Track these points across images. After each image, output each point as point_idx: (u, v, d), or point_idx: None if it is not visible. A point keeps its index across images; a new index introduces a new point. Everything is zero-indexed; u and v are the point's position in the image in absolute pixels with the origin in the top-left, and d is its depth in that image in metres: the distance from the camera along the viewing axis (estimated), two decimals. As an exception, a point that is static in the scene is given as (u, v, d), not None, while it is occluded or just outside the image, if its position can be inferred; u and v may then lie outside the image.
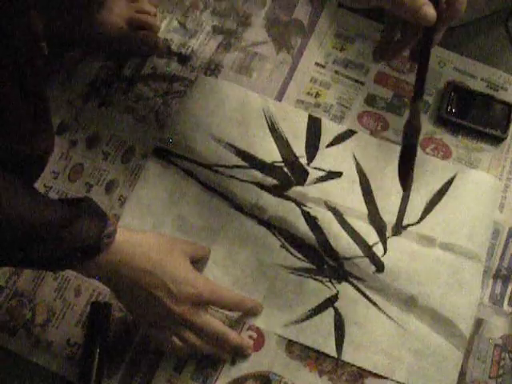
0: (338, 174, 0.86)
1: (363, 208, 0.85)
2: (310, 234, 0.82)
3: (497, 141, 0.90)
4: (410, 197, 0.85)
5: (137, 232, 0.71)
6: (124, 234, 0.68)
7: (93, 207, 0.67)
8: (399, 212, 0.85)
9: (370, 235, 0.83)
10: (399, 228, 0.84)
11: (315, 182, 0.86)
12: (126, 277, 0.68)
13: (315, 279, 0.81)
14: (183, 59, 0.93)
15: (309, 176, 0.86)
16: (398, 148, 0.88)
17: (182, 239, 0.80)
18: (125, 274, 0.68)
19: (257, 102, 0.90)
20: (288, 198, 0.85)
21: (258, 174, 0.86)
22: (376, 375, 0.77)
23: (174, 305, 0.69)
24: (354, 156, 0.87)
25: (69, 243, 0.62)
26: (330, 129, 0.89)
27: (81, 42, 0.92)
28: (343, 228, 0.83)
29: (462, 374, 0.78)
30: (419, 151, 0.88)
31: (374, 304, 0.80)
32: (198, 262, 0.78)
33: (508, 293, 0.82)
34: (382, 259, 0.81)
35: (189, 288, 0.70)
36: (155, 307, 0.70)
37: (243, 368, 0.77)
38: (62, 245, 0.62)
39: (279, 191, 0.85)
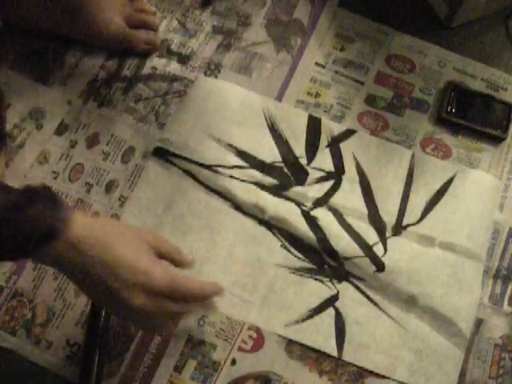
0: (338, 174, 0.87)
1: (363, 208, 0.85)
2: (310, 233, 0.82)
3: (497, 141, 0.90)
4: (410, 197, 0.86)
5: (93, 218, 0.67)
6: (79, 221, 0.62)
7: (48, 194, 0.62)
8: (399, 212, 0.85)
9: (370, 235, 0.83)
10: (399, 228, 0.84)
11: (315, 182, 0.86)
12: (81, 266, 0.62)
13: (316, 279, 0.81)
14: (183, 59, 0.93)
15: (309, 176, 0.86)
16: (398, 148, 0.89)
17: (147, 229, 0.74)
18: (79, 262, 0.62)
19: (257, 102, 0.90)
20: (288, 198, 0.85)
21: (257, 174, 0.86)
22: (376, 375, 0.77)
23: (129, 297, 0.63)
24: (354, 156, 0.87)
25: (23, 229, 0.58)
26: (330, 129, 0.89)
27: (81, 40, 0.92)
28: (343, 228, 0.83)
29: (462, 374, 0.78)
30: (419, 151, 0.89)
31: (375, 304, 0.80)
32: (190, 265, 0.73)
33: (508, 293, 0.82)
34: (382, 259, 0.82)
35: (142, 276, 0.63)
36: (115, 298, 0.63)
37: (243, 368, 0.77)
38: (15, 230, 0.58)
39: (279, 191, 0.85)
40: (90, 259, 0.62)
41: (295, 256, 0.82)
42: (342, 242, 0.82)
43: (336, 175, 0.86)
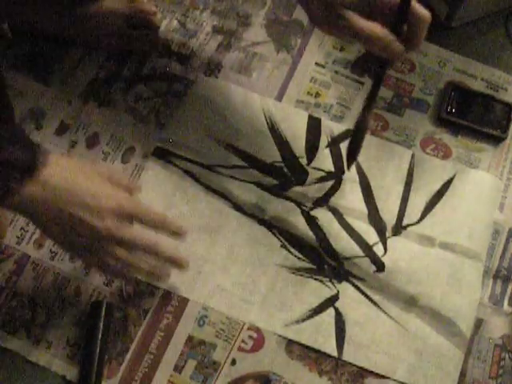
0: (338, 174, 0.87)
1: (363, 208, 0.85)
2: (310, 233, 0.82)
3: (497, 141, 0.90)
4: (410, 197, 0.86)
5: (60, 156, 0.72)
6: (52, 158, 0.68)
7: (21, 134, 0.68)
8: (399, 212, 0.85)
9: (370, 235, 0.83)
10: (399, 228, 0.84)
11: (315, 182, 0.86)
12: (46, 200, 0.66)
13: (316, 279, 0.81)
14: (183, 59, 0.93)
15: (309, 176, 0.86)
16: (398, 148, 0.89)
17: (101, 163, 0.82)
18: (44, 197, 0.66)
19: (257, 102, 0.90)
20: (288, 198, 0.85)
21: (257, 174, 0.86)
22: (376, 375, 0.77)
23: (96, 221, 0.68)
24: (354, 156, 0.87)
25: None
26: (330, 129, 0.89)
27: (81, 40, 0.92)
28: (343, 228, 0.83)
29: (462, 374, 0.78)
30: (419, 151, 0.89)
31: (375, 304, 0.80)
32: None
33: (508, 293, 0.82)
34: (382, 259, 0.82)
35: (108, 201, 0.69)
36: (80, 229, 0.68)
37: (243, 368, 0.77)
38: None
39: (279, 191, 0.85)
40: (60, 193, 0.67)
41: (295, 256, 0.82)
42: (342, 242, 0.82)
43: (336, 175, 0.86)
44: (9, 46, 0.92)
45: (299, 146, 0.88)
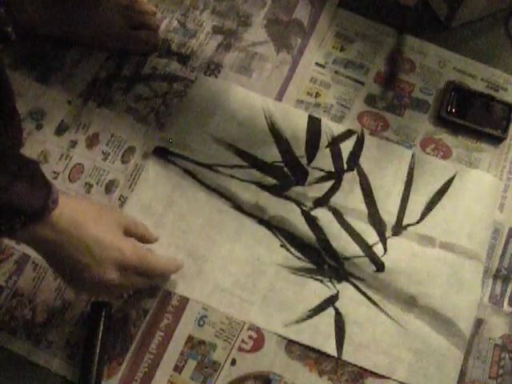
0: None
1: (363, 208, 0.85)
2: (310, 233, 0.82)
3: (497, 141, 0.90)
4: (410, 197, 0.86)
5: (72, 198, 0.72)
6: (62, 201, 0.66)
7: (34, 171, 0.65)
8: (399, 212, 0.85)
9: (370, 235, 0.83)
10: (399, 228, 0.84)
11: (315, 182, 0.86)
12: (55, 243, 0.66)
13: (316, 279, 0.81)
14: (183, 59, 0.93)
15: (309, 176, 0.86)
16: (398, 148, 0.89)
17: (119, 211, 0.81)
18: (55, 240, 0.65)
19: (257, 102, 0.90)
20: (288, 198, 0.85)
21: (257, 174, 0.86)
22: (376, 375, 0.77)
23: (102, 272, 0.68)
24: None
25: (6, 208, 0.61)
26: (330, 129, 0.89)
27: (81, 41, 0.92)
28: (343, 228, 0.83)
29: (462, 374, 0.78)
30: (419, 151, 0.89)
31: (375, 304, 0.80)
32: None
33: (508, 293, 0.82)
34: (382, 259, 0.82)
35: (115, 253, 0.68)
36: (85, 274, 0.68)
37: (243, 368, 0.77)
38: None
39: (279, 191, 0.85)
40: (66, 237, 0.66)
41: (295, 256, 0.82)
42: (342, 242, 0.82)
43: (336, 175, 0.86)
44: (9, 46, 0.92)
45: (299, 145, 0.88)
